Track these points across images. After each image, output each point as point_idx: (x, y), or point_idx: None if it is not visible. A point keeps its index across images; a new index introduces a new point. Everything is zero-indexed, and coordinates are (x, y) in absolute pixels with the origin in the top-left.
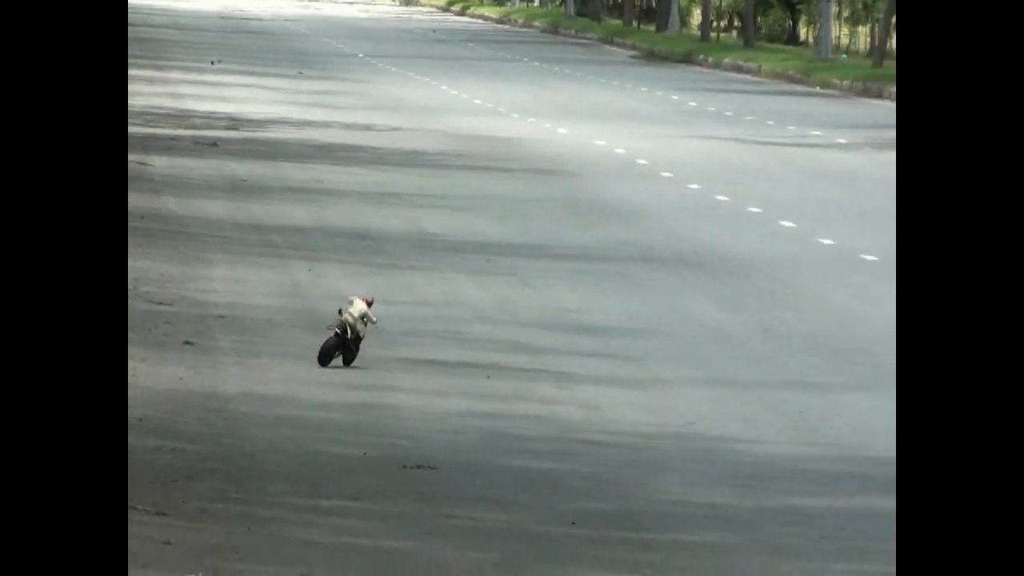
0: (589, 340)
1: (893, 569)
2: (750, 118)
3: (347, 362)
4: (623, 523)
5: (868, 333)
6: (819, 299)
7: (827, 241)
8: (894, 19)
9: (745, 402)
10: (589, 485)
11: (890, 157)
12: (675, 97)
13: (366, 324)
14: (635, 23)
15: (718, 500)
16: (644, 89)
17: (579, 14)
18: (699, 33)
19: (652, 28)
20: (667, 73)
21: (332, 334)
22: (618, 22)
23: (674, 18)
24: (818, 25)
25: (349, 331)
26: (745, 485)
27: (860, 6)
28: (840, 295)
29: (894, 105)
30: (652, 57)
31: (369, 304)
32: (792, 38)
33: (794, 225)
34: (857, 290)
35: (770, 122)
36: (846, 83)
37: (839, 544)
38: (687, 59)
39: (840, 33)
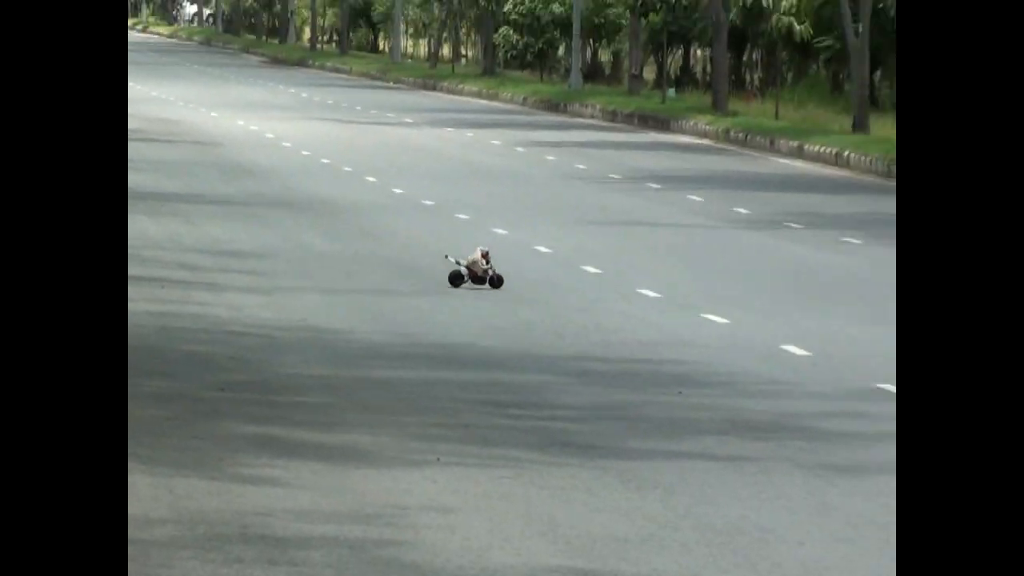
0: (233, 261)
1: (450, 420)
2: (345, 105)
3: (494, 285)
4: (257, 389)
5: (425, 255)
6: (393, 232)
7: (398, 191)
8: (444, 34)
9: (342, 304)
10: (233, 363)
11: (444, 132)
12: (292, 90)
13: (482, 264)
14: (264, 37)
15: (324, 373)
16: (271, 85)
17: (225, 31)
18: (309, 45)
19: (276, 41)
20: (287, 73)
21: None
22: (252, 36)
23: (291, 33)
24: (391, 38)
25: (469, 268)
26: (342, 362)
27: (420, 25)
28: (407, 229)
29: (444, 95)
30: (276, 62)
31: (484, 255)
32: (374, 48)
33: (375, 180)
34: (418, 225)
35: (358, 108)
36: (411, 79)
37: (409, 403)
38: (300, 63)
39: (407, 44)
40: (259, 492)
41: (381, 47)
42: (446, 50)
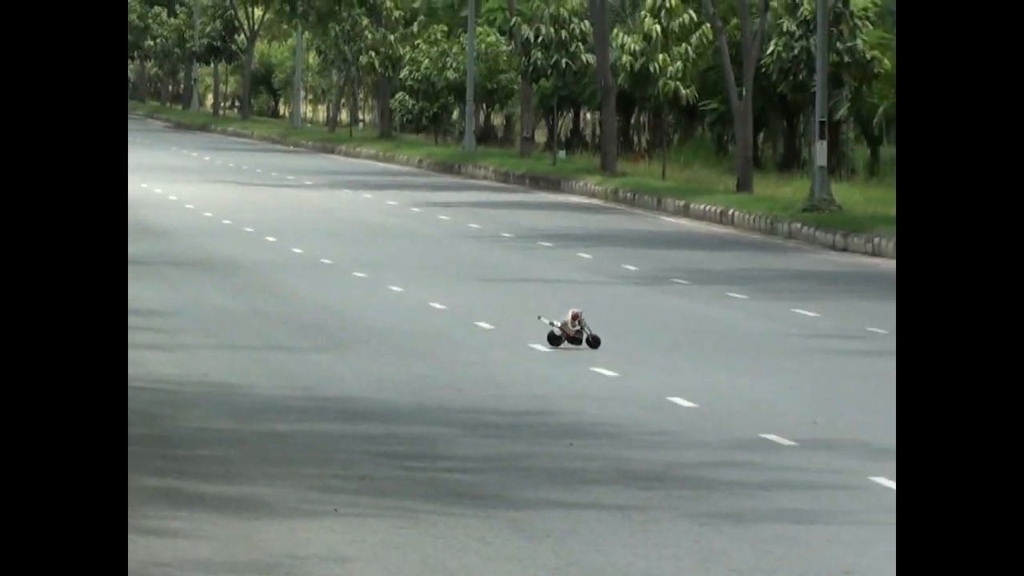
0: (138, 319)
1: (348, 471)
2: (246, 168)
3: (592, 345)
4: (159, 443)
5: (324, 312)
6: (292, 290)
7: (298, 250)
8: (343, 99)
9: (243, 359)
10: (137, 417)
11: (342, 193)
12: (195, 154)
13: (573, 326)
14: (168, 103)
15: (225, 427)
16: (175, 148)
17: (131, 97)
18: (212, 110)
19: (180, 107)
20: (191, 138)
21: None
22: (156, 103)
23: (195, 100)
24: (291, 104)
25: (562, 329)
26: (243, 416)
27: (319, 91)
28: (306, 287)
29: (342, 158)
30: (180, 127)
31: (574, 316)
32: (275, 113)
33: (275, 239)
34: (317, 283)
35: (259, 170)
36: (310, 143)
37: (307, 455)
38: (204, 128)
39: (307, 109)
40: (162, 543)
41: (281, 112)
42: (344, 115)
